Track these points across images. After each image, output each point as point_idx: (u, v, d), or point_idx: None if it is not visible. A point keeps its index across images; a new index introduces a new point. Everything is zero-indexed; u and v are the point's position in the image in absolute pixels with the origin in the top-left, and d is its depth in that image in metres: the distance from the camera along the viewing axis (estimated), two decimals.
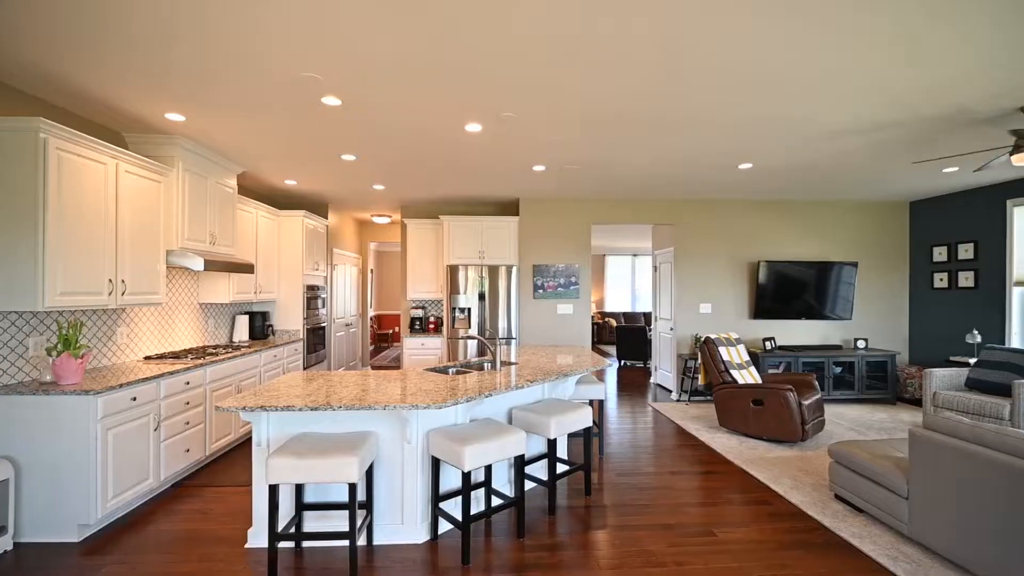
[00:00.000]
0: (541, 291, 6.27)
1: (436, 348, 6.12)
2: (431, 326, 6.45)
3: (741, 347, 5.30)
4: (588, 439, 3.40)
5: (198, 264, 3.78)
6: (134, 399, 3.06)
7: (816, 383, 4.81)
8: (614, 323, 12.32)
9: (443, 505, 2.96)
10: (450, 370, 3.58)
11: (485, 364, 3.83)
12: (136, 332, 3.86)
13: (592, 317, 13.11)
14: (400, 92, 3.00)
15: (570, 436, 4.63)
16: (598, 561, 2.60)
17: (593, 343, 12.72)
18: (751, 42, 2.39)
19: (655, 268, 7.28)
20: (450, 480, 3.02)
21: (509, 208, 6.77)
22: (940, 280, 6.15)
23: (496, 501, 3.19)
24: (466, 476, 2.58)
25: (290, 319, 5.70)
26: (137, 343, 3.86)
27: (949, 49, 2.45)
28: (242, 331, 5.07)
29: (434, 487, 2.79)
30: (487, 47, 2.46)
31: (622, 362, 9.40)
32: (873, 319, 6.60)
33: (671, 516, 3.11)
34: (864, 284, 6.58)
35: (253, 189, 5.71)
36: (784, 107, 3.20)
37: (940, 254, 6.16)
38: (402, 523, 2.80)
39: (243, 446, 4.35)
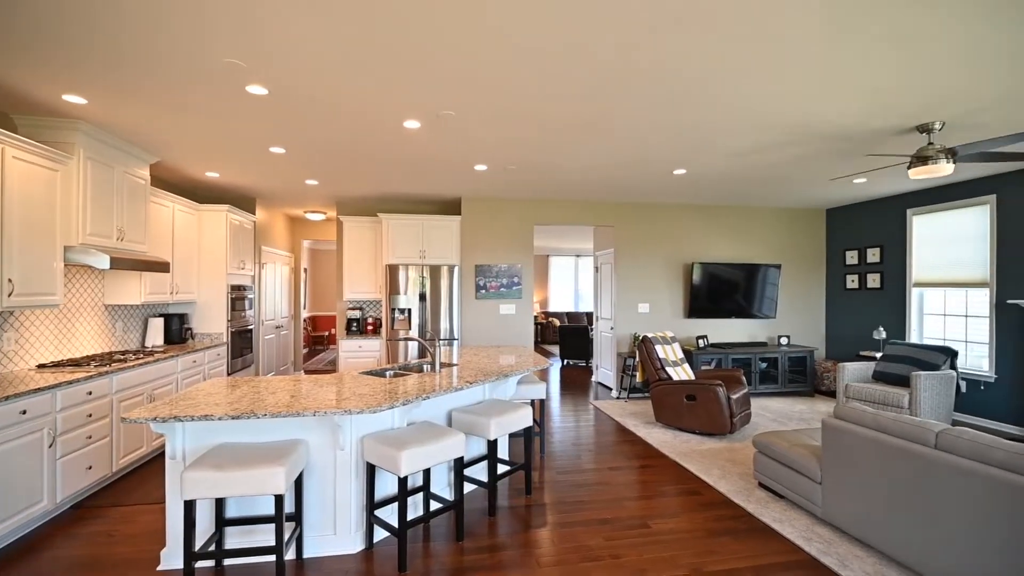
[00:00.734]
0: (483, 291, 6.23)
1: (374, 350, 5.93)
2: (369, 328, 6.24)
3: (676, 345, 5.52)
4: (528, 438, 3.41)
5: (103, 262, 3.43)
6: (24, 412, 2.72)
7: (743, 378, 5.09)
8: (557, 323, 12.51)
9: (379, 512, 2.86)
10: (387, 373, 3.47)
11: (424, 366, 3.74)
12: (28, 338, 3.44)
13: (536, 317, 13.25)
14: (333, 84, 2.87)
15: (511, 436, 4.62)
16: (537, 559, 2.60)
17: (537, 343, 12.84)
18: (678, 57, 2.47)
19: (596, 269, 7.45)
20: (387, 486, 2.91)
21: (451, 207, 6.69)
22: (852, 281, 6.71)
23: (435, 505, 3.12)
24: (403, 481, 2.49)
25: (212, 321, 5.31)
26: (28, 350, 3.45)
27: (855, 75, 2.66)
28: (156, 335, 4.67)
29: (369, 494, 2.68)
30: (424, 40, 2.39)
31: (565, 361, 9.55)
32: (795, 317, 7.10)
33: (608, 511, 3.16)
34: (787, 285, 7.06)
35: (170, 181, 5.28)
36: (712, 120, 3.35)
37: (852, 258, 6.72)
38: (335, 533, 2.67)
39: (158, 460, 4.00)
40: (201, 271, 5.30)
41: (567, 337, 9.23)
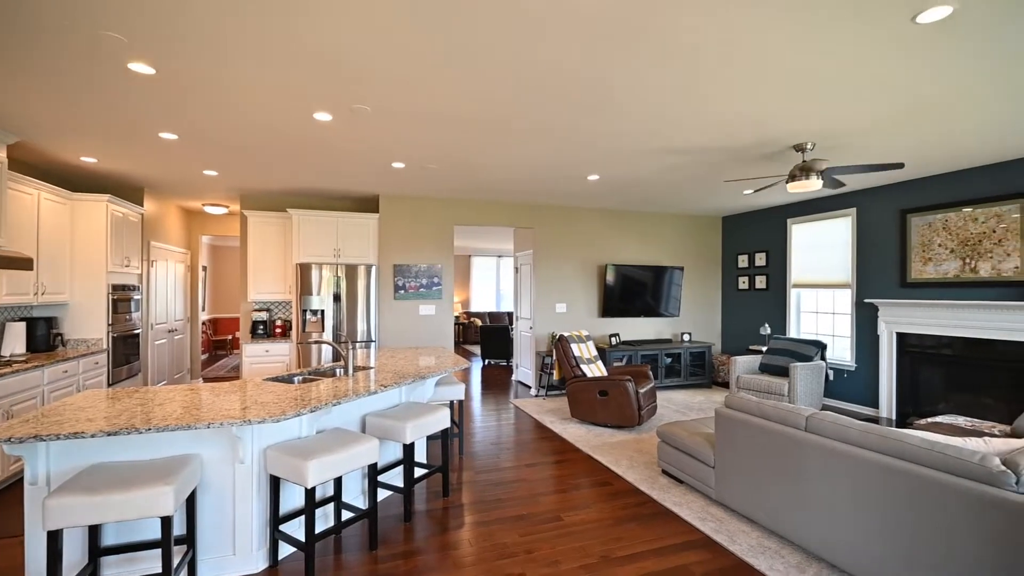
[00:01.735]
0: (402, 291, 6.10)
1: (283, 355, 5.58)
2: (277, 330, 5.86)
3: (591, 343, 5.76)
4: (446, 440, 3.39)
5: None
6: None
7: (650, 373, 5.43)
8: (479, 323, 12.55)
9: (285, 527, 2.70)
10: (296, 378, 3.28)
11: (338, 370, 3.59)
12: None
13: (457, 317, 13.20)
14: (231, 69, 2.66)
15: (429, 439, 4.57)
16: (454, 561, 2.60)
17: (459, 343, 12.79)
18: (594, 68, 2.59)
19: (517, 269, 7.57)
20: (294, 499, 2.76)
21: (369, 204, 6.47)
22: (743, 283, 7.41)
23: (347, 515, 3.01)
24: (310, 493, 2.38)
25: (89, 326, 4.70)
26: None
27: (746, 99, 2.95)
28: (16, 342, 4.04)
29: (273, 509, 2.53)
30: (331, 30, 2.29)
31: (486, 361, 9.61)
32: (696, 315, 7.70)
33: (524, 507, 3.24)
34: (689, 285, 7.65)
35: (35, 165, 4.60)
36: (623, 130, 3.55)
37: (743, 261, 7.42)
38: (234, 553, 2.48)
39: (19, 485, 3.47)
40: (75, 269, 4.67)
41: (488, 337, 9.30)
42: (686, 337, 7.27)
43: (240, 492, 2.48)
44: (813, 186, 3.88)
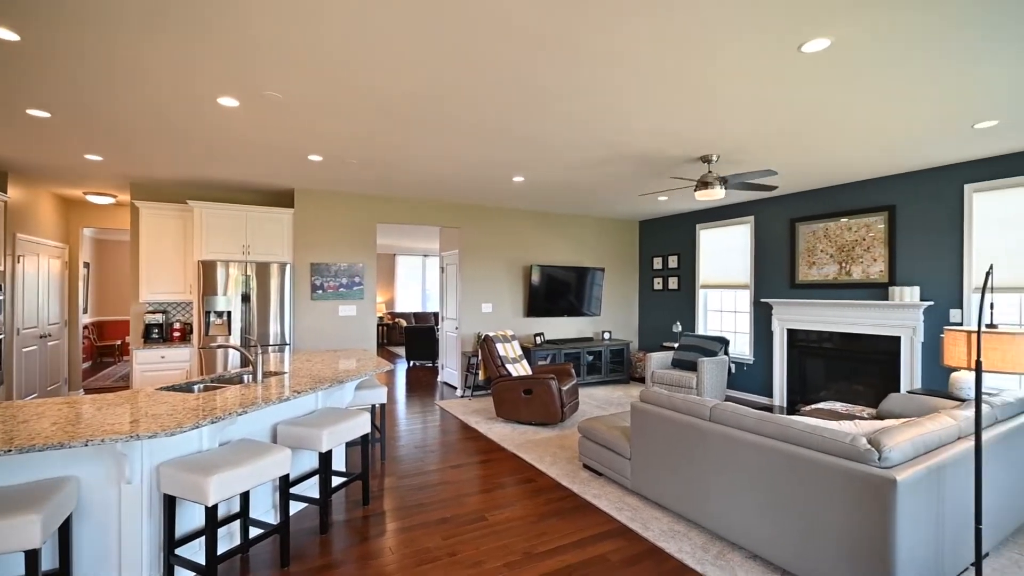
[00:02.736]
0: (320, 291, 5.80)
1: (183, 361, 5.09)
2: (176, 334, 5.33)
3: (516, 343, 5.83)
4: (365, 446, 3.27)
5: None
6: None
7: (573, 371, 5.59)
8: (404, 324, 12.25)
9: (183, 550, 2.46)
10: (196, 387, 3.00)
11: (246, 376, 3.33)
12: None
13: (382, 318, 12.80)
14: (115, 40, 2.37)
15: (349, 445, 4.39)
16: (374, 571, 2.51)
17: (383, 344, 12.42)
18: (528, 69, 2.62)
19: (442, 269, 7.49)
20: (195, 518, 2.52)
21: (283, 198, 6.08)
22: (657, 283, 7.87)
23: (255, 532, 2.80)
24: (211, 511, 2.18)
25: None
26: None
27: (658, 112, 3.14)
28: None
29: (168, 531, 2.30)
30: (238, 3, 2.12)
31: (412, 363, 9.41)
32: (616, 314, 8.06)
33: (448, 509, 3.20)
34: (609, 286, 7.98)
35: None
36: (547, 133, 3.63)
37: (658, 263, 7.88)
38: None
39: None
40: None
41: (414, 338, 9.11)
42: (606, 335, 7.58)
43: (127, 516, 2.23)
44: (717, 194, 4.20)
